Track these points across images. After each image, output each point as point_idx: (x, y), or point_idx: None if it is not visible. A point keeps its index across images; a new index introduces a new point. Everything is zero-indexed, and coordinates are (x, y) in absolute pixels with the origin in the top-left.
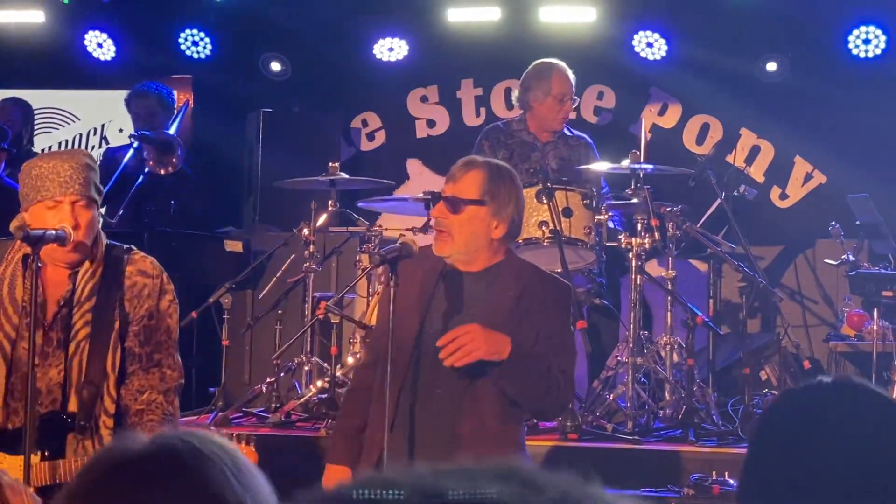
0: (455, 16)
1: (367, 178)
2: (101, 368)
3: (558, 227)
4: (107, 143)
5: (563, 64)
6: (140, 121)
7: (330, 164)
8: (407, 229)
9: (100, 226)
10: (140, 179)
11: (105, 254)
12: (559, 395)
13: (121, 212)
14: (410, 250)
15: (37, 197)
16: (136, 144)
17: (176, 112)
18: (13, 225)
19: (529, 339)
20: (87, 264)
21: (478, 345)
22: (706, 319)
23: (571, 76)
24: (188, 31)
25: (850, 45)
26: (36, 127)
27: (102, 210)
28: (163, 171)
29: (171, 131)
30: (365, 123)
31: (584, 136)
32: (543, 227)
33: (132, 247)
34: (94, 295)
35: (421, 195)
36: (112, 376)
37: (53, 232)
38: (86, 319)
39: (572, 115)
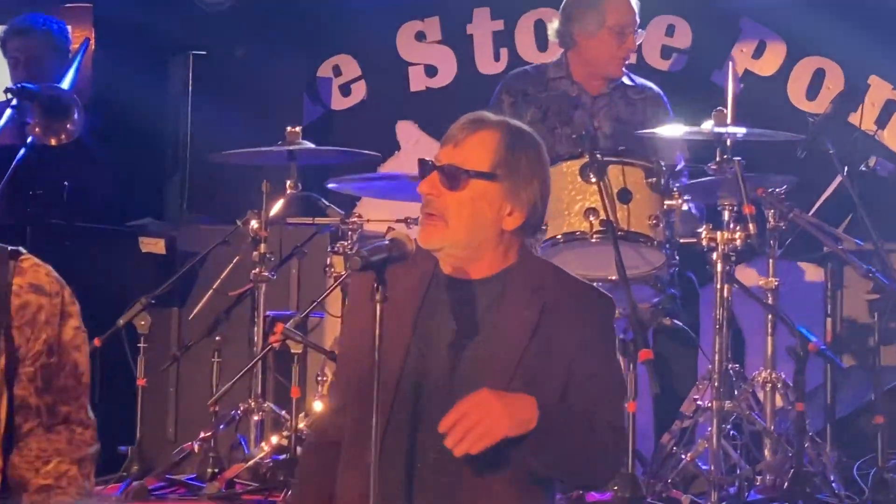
0: None
1: (341, 149)
2: None
3: (612, 217)
4: None
5: None
6: (20, 69)
7: (288, 128)
8: (398, 220)
9: None
10: (21, 153)
11: None
12: (607, 460)
13: None
14: (404, 250)
15: None
16: (14, 103)
17: (71, 56)
18: None
19: (556, 381)
20: None
21: (496, 420)
22: (822, 347)
23: (633, 0)
24: None
25: None
26: None
27: None
28: (53, 141)
29: (65, 84)
30: (337, 71)
31: (651, 86)
32: (591, 217)
33: (20, 249)
34: None
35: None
36: None
37: None
38: None
39: (629, 59)
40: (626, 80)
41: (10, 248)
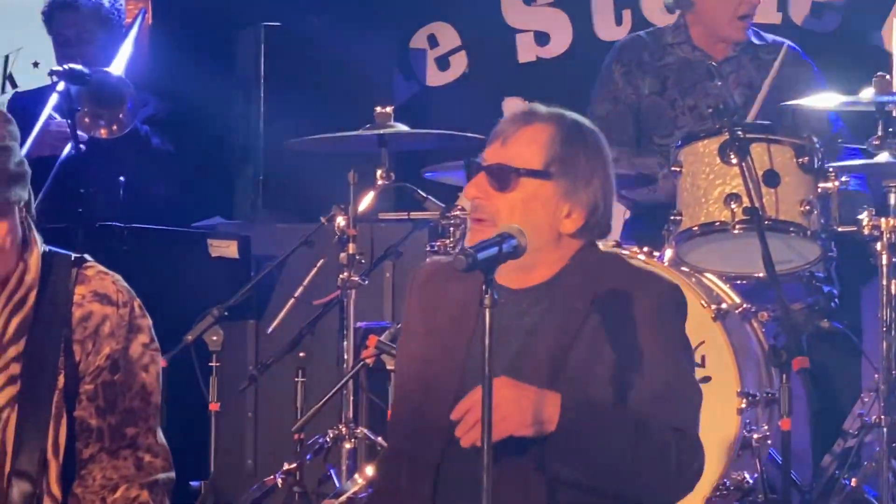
0: None
1: (439, 132)
2: (36, 452)
3: (758, 204)
4: (14, 86)
5: None
6: (67, 48)
7: (377, 109)
8: None
9: (30, 218)
10: (70, 145)
11: (41, 267)
12: (668, 468)
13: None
14: (515, 244)
15: None
16: (61, 88)
17: (124, 31)
18: None
19: (603, 380)
20: (11, 282)
21: (508, 412)
22: None
23: None
24: None
25: None
26: None
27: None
28: (104, 133)
29: (118, 64)
30: (434, 42)
31: (784, 41)
32: (733, 204)
33: (85, 256)
34: (22, 334)
35: None
36: (55, 464)
37: None
38: (10, 373)
39: (772, 18)
40: (753, 38)
41: (74, 255)
